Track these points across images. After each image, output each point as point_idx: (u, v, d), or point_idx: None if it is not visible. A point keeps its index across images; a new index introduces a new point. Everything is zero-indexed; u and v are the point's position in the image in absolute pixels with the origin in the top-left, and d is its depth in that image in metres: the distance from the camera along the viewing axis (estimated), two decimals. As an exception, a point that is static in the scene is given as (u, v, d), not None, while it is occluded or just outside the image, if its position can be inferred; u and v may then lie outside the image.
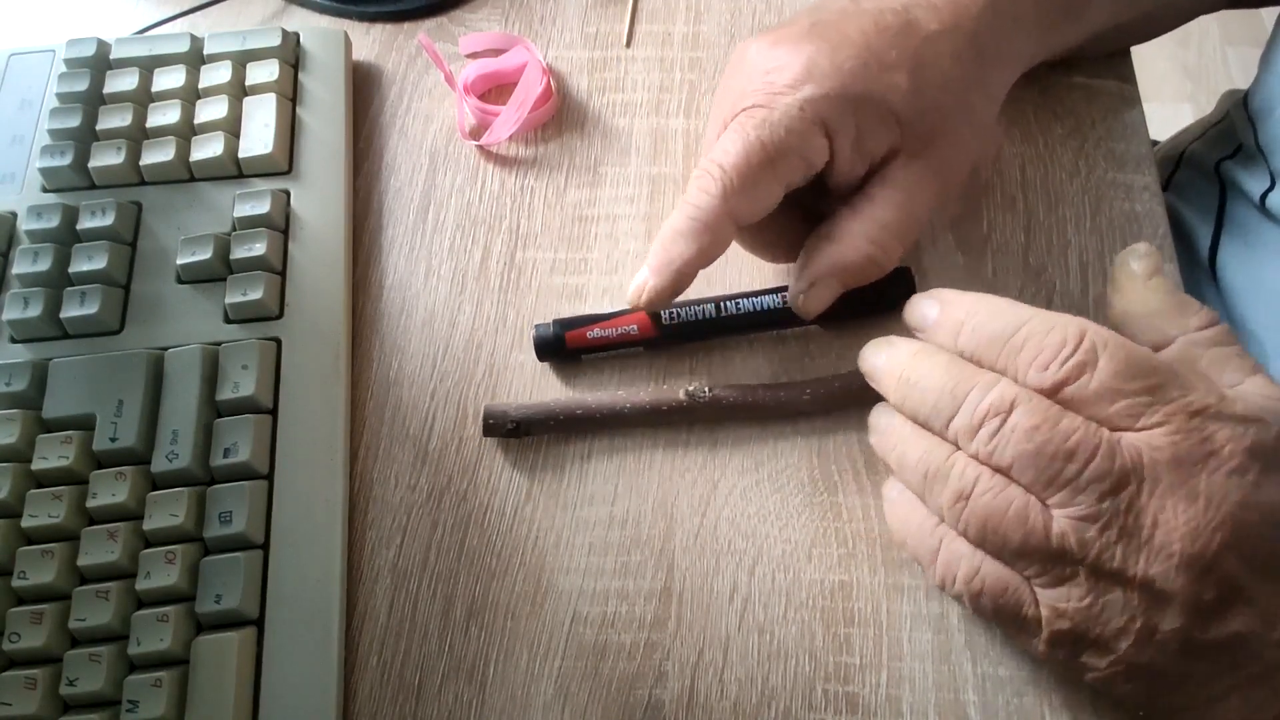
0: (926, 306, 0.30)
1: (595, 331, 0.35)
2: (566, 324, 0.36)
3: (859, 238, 0.32)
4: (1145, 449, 0.25)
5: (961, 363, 0.28)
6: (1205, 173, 0.47)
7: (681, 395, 0.34)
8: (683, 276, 0.32)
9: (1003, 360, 0.27)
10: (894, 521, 0.31)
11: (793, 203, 0.34)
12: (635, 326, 0.35)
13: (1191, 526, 0.24)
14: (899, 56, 0.31)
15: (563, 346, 0.35)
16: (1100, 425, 0.26)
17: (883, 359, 0.30)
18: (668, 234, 0.32)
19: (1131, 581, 0.25)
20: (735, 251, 0.36)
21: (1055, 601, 0.26)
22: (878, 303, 0.35)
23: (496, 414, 0.35)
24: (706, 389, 0.34)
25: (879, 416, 0.31)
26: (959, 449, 0.27)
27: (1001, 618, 0.28)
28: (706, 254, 0.32)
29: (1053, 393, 0.26)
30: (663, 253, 0.32)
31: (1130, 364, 0.26)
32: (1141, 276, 0.30)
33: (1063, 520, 0.25)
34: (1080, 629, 0.26)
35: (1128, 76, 0.41)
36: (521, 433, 0.35)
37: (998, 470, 0.26)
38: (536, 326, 0.36)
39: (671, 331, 0.35)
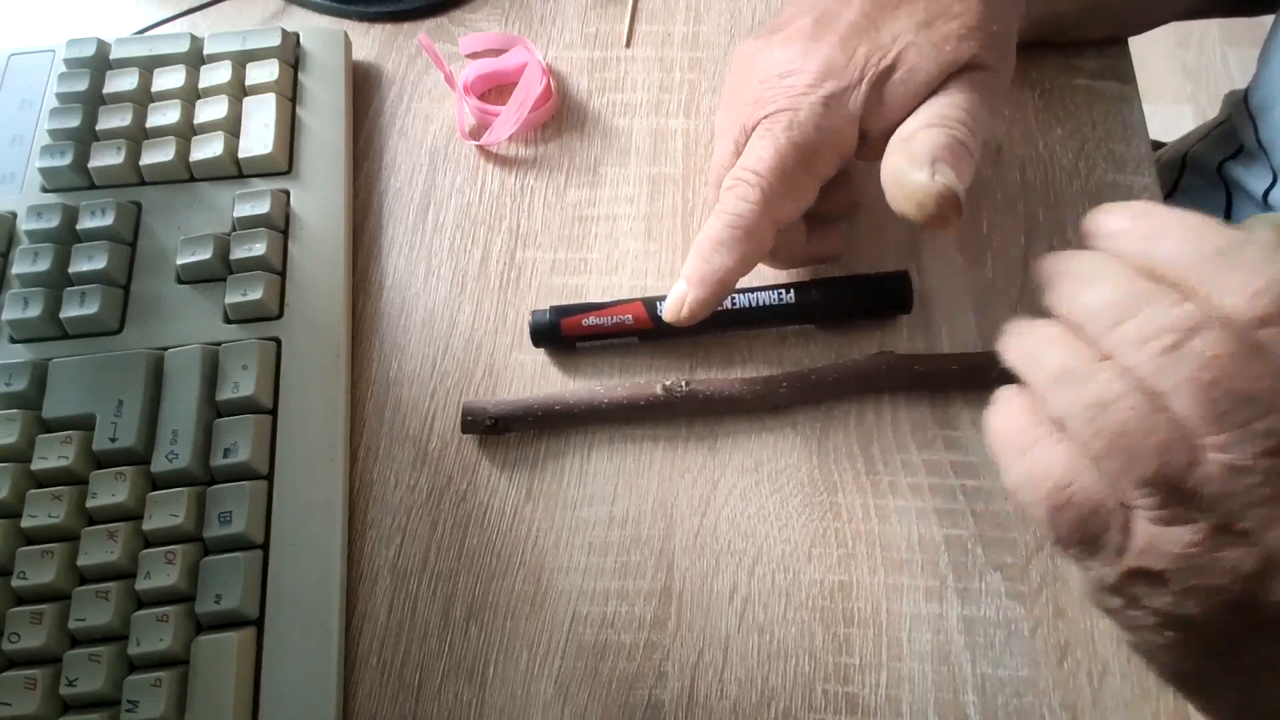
0: (1117, 215, 0.25)
1: (590, 319, 0.35)
2: (563, 311, 0.36)
3: (945, 120, 0.30)
4: None
5: (1148, 279, 0.24)
6: (1209, 176, 0.47)
7: (659, 390, 0.34)
8: (725, 286, 0.32)
9: (1206, 275, 0.23)
10: (995, 418, 0.26)
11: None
12: (630, 317, 0.35)
13: None
14: (909, 22, 0.31)
15: (558, 333, 0.36)
16: None
17: (1063, 266, 0.25)
18: (706, 245, 0.32)
19: (1255, 548, 0.22)
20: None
21: (1157, 539, 0.23)
22: (877, 305, 0.36)
23: (474, 410, 0.35)
24: (683, 383, 0.34)
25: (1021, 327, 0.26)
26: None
27: (1076, 537, 0.24)
28: (749, 261, 0.32)
29: (1251, 326, 0.22)
30: (703, 264, 0.32)
31: None
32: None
33: (1214, 464, 0.22)
34: (1169, 574, 0.23)
35: (1128, 78, 0.41)
36: (500, 429, 0.35)
37: (1151, 392, 0.23)
38: (533, 313, 0.36)
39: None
